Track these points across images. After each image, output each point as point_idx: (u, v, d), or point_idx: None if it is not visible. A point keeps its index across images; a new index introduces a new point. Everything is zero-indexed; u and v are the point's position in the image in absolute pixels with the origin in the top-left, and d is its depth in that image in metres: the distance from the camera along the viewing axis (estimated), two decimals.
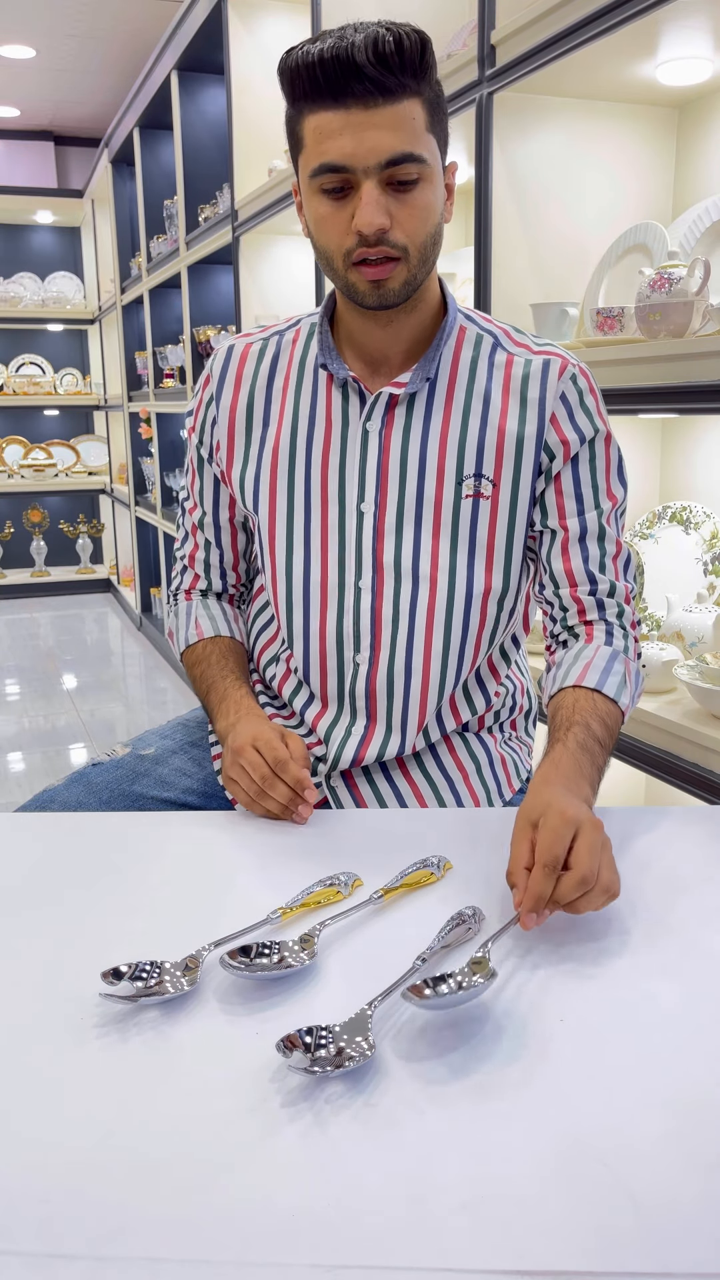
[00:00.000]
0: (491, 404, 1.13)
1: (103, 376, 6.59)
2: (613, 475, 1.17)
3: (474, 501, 1.13)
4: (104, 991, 0.74)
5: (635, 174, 1.99)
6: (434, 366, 1.13)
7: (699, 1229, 0.55)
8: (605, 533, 1.15)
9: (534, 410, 1.13)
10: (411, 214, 1.03)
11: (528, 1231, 0.54)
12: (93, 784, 1.21)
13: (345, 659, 1.17)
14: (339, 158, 1.00)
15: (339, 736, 1.18)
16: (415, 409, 1.14)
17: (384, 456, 1.14)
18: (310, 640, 1.18)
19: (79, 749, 3.75)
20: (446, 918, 0.84)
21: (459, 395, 1.14)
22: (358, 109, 0.99)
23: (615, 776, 2.16)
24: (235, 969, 0.76)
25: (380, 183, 1.01)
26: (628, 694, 1.11)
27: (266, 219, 3.02)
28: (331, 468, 1.15)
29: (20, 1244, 0.54)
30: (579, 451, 1.14)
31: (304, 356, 1.19)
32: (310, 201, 1.06)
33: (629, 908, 0.88)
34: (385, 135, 0.99)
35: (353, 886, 0.91)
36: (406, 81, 0.99)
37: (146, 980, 0.75)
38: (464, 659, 1.17)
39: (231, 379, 1.21)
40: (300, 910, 0.87)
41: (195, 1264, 0.53)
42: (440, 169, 1.07)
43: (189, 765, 1.27)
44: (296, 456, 1.16)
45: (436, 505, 1.13)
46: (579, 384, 1.14)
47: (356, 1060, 0.67)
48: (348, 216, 1.03)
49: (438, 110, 1.05)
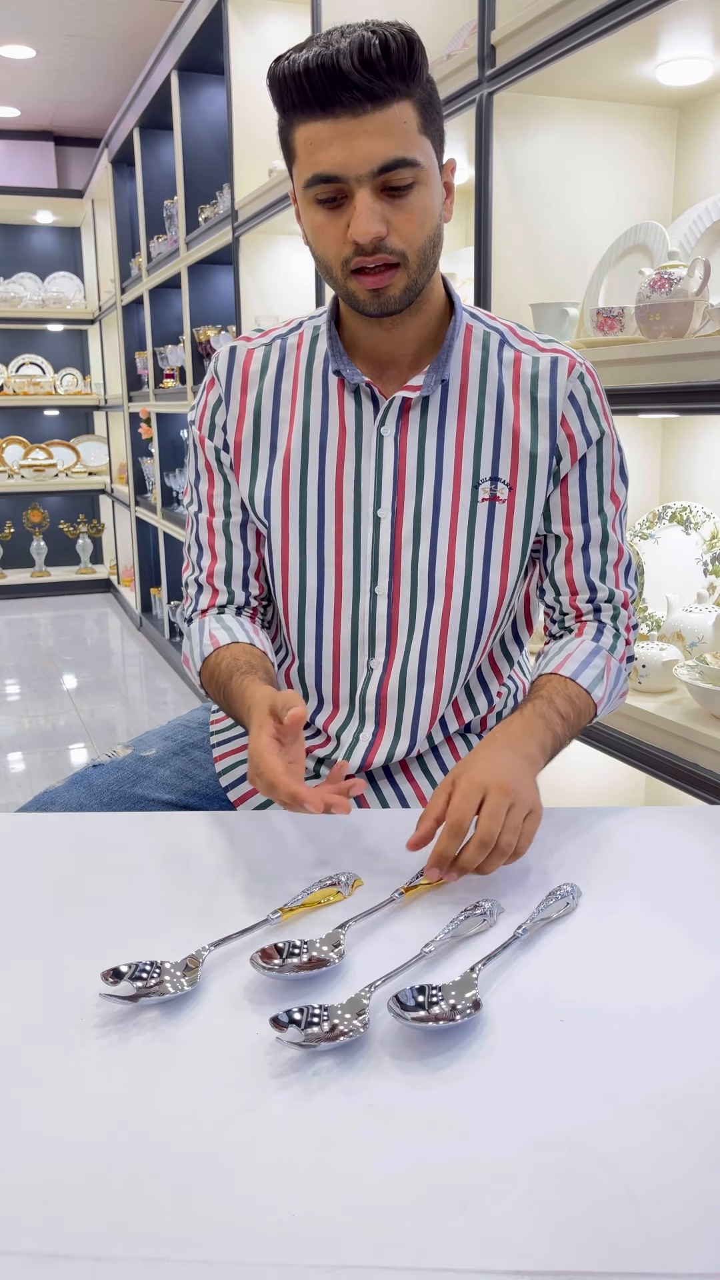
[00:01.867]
0: (505, 405, 1.13)
1: (103, 376, 6.59)
2: (616, 477, 1.17)
3: (490, 505, 1.13)
4: (104, 991, 0.74)
5: (635, 174, 1.99)
6: (448, 368, 1.12)
7: (699, 1229, 0.55)
8: (609, 539, 1.16)
9: (545, 412, 1.13)
10: (408, 219, 1.01)
11: (528, 1231, 0.54)
12: (93, 785, 1.21)
13: (359, 664, 1.17)
14: (331, 168, 0.98)
15: (347, 741, 1.18)
16: (430, 412, 1.12)
17: (400, 462, 1.12)
18: (323, 645, 1.17)
19: (79, 749, 3.75)
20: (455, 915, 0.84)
21: (472, 396, 1.13)
22: (347, 117, 0.97)
23: (615, 776, 2.16)
24: (267, 970, 0.76)
25: (374, 190, 0.99)
26: (603, 688, 1.13)
27: (266, 219, 3.02)
28: (346, 474, 1.14)
29: (20, 1244, 0.54)
30: (585, 454, 1.14)
31: (310, 361, 1.17)
32: (306, 211, 1.05)
33: (629, 907, 0.88)
34: (376, 142, 0.97)
35: (353, 886, 0.91)
36: (395, 85, 0.96)
37: (146, 980, 0.75)
38: (473, 661, 1.18)
39: (238, 383, 1.18)
40: (300, 910, 0.87)
41: (195, 1264, 0.53)
42: (436, 169, 1.04)
43: (190, 766, 1.27)
44: (310, 462, 1.15)
45: (454, 510, 1.13)
46: (586, 383, 1.14)
47: (349, 1037, 0.67)
48: (344, 225, 1.01)
49: (430, 109, 1.02)
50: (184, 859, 0.99)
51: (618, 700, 1.19)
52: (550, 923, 0.86)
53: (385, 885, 0.92)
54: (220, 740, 1.29)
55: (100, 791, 1.20)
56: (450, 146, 2.17)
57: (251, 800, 1.23)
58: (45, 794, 1.22)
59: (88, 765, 1.26)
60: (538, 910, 0.85)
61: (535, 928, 0.84)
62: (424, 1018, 0.70)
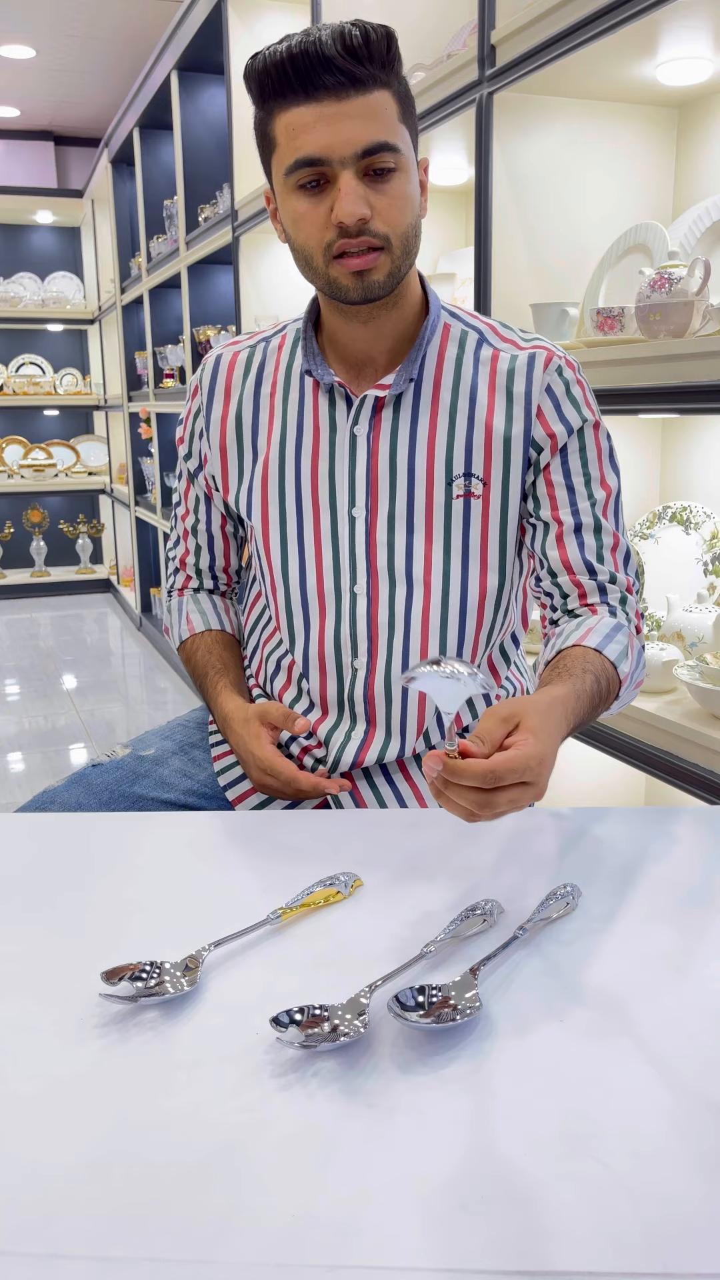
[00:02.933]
0: (478, 402, 1.12)
1: (103, 376, 6.59)
2: (605, 464, 1.14)
3: (465, 501, 1.12)
4: (104, 992, 0.74)
5: (635, 174, 1.99)
6: (416, 367, 1.12)
7: (699, 1229, 0.55)
8: (601, 525, 1.12)
9: (520, 405, 1.11)
10: (391, 204, 1.02)
11: (528, 1231, 0.54)
12: (93, 785, 1.21)
13: (344, 664, 1.17)
14: (315, 150, 0.99)
15: (339, 740, 1.18)
16: (402, 411, 1.12)
17: (373, 460, 1.13)
18: (310, 646, 1.18)
19: (79, 749, 3.75)
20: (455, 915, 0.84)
21: (445, 394, 1.13)
22: (330, 100, 0.98)
23: (615, 776, 2.16)
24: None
25: (358, 173, 1.00)
26: (628, 664, 1.05)
27: (266, 219, 3.02)
28: (321, 474, 1.14)
29: (20, 1244, 0.54)
30: (567, 443, 1.12)
31: (290, 364, 1.18)
32: (286, 201, 1.04)
33: (629, 908, 0.88)
34: (360, 125, 0.98)
35: (352, 887, 0.91)
36: (375, 72, 0.98)
37: (146, 980, 0.75)
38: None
39: (221, 390, 1.20)
40: (300, 910, 0.87)
41: (195, 1264, 0.53)
42: (414, 163, 1.06)
43: (189, 766, 1.27)
44: (287, 465, 1.16)
45: (428, 507, 1.13)
46: (565, 375, 1.12)
47: (350, 1037, 0.67)
48: (326, 210, 1.01)
49: (407, 105, 1.04)
50: (182, 858, 0.99)
51: (633, 691, 1.11)
52: (550, 923, 0.86)
53: (385, 885, 0.92)
54: (219, 740, 1.29)
55: (99, 791, 1.21)
56: (450, 146, 2.18)
57: (250, 800, 1.24)
58: (44, 793, 1.22)
59: (87, 765, 1.26)
60: (538, 910, 0.85)
61: (536, 928, 0.84)
62: (424, 1018, 0.70)
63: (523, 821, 1.06)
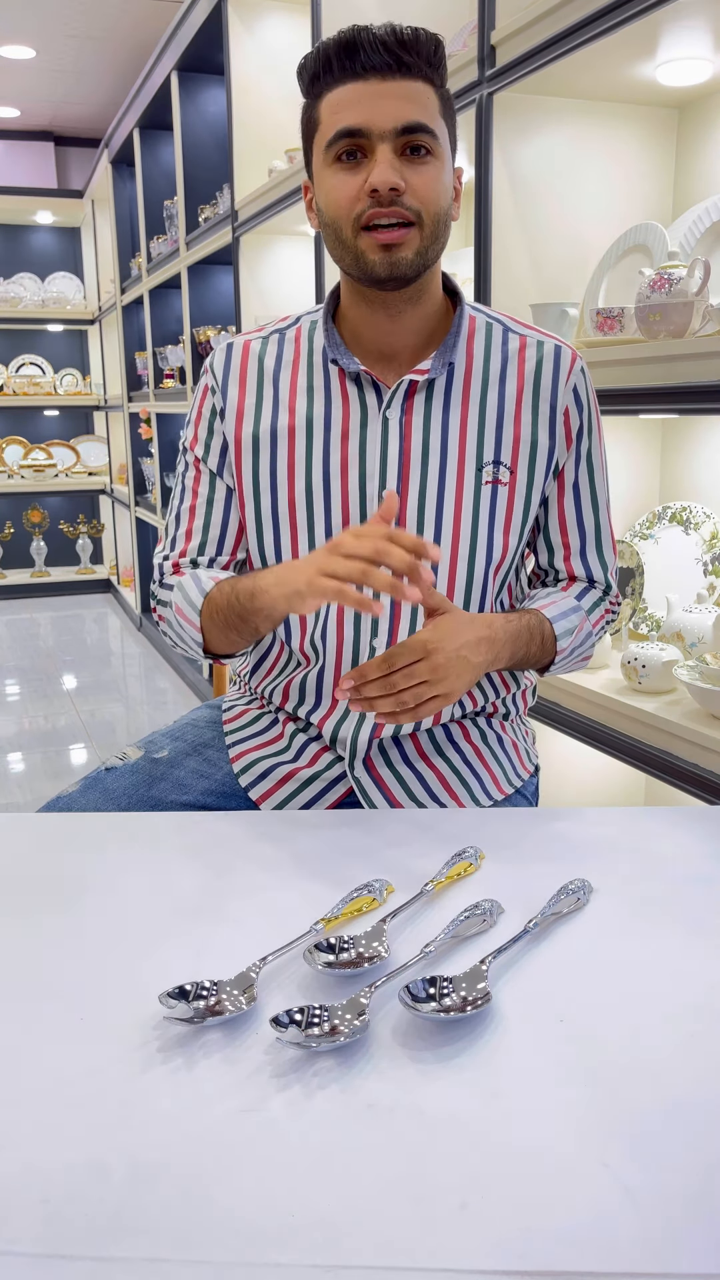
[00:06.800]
0: (507, 390, 1.15)
1: (103, 377, 6.59)
2: (605, 469, 1.24)
3: (493, 488, 1.15)
4: (167, 1015, 0.71)
5: (635, 174, 1.99)
6: (455, 352, 1.14)
7: (699, 1229, 0.55)
8: (601, 531, 1.24)
9: (546, 401, 1.16)
10: (425, 183, 1.05)
11: (528, 1231, 0.54)
12: (109, 790, 1.20)
13: (361, 644, 1.17)
14: (356, 121, 1.03)
15: (354, 720, 1.18)
16: (434, 396, 1.14)
17: (405, 444, 1.14)
18: (328, 627, 1.17)
19: (79, 749, 3.75)
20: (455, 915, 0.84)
21: (475, 381, 1.15)
22: (375, 79, 1.03)
23: (615, 776, 2.16)
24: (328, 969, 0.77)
25: (396, 150, 1.04)
26: (569, 643, 1.18)
27: (266, 219, 3.02)
28: (351, 457, 1.14)
29: (20, 1244, 0.54)
30: (580, 445, 1.19)
31: (310, 351, 1.18)
32: (322, 178, 1.07)
33: (629, 907, 0.88)
34: (402, 104, 1.03)
35: (386, 892, 0.91)
36: (421, 65, 1.04)
37: (207, 998, 0.73)
38: None
39: (236, 375, 1.19)
40: (342, 920, 0.86)
41: (195, 1264, 0.53)
42: (450, 160, 1.09)
43: (204, 766, 1.26)
44: (314, 447, 1.15)
45: (458, 492, 1.14)
46: (586, 377, 1.20)
47: (349, 1037, 0.67)
48: (360, 181, 1.04)
49: (448, 106, 1.09)
50: (209, 861, 0.98)
51: (579, 663, 1.24)
52: (558, 919, 0.86)
53: (416, 886, 0.92)
54: (236, 740, 1.27)
55: (117, 796, 1.20)
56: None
57: (273, 798, 1.22)
58: (59, 799, 1.21)
59: (99, 768, 1.25)
60: (549, 905, 0.85)
61: (545, 923, 0.84)
62: (435, 1009, 0.70)
63: (528, 821, 1.06)
